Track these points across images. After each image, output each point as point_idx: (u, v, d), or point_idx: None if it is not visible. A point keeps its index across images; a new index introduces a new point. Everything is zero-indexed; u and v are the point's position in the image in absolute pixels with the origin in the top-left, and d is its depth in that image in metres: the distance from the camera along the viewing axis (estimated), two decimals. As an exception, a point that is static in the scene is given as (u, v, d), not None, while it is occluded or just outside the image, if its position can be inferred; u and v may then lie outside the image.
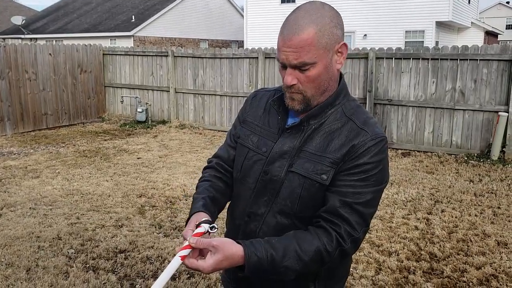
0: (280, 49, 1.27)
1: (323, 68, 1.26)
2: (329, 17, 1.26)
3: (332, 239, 1.24)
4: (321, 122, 1.33)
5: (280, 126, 1.39)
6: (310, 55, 1.23)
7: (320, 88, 1.30)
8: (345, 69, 8.45)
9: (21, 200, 5.38)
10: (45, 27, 25.55)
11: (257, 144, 1.42)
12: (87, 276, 3.56)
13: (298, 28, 1.22)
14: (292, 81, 1.27)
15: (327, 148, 1.31)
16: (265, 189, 1.37)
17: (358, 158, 1.27)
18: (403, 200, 5.43)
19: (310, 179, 1.30)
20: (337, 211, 1.26)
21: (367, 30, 19.22)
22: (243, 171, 1.44)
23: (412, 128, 8.02)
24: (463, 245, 4.20)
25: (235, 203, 1.51)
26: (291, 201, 1.33)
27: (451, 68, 7.57)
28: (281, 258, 1.21)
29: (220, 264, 1.18)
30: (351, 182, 1.27)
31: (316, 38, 1.22)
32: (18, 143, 8.72)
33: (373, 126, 1.32)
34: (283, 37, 1.25)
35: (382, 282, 3.54)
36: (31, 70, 9.94)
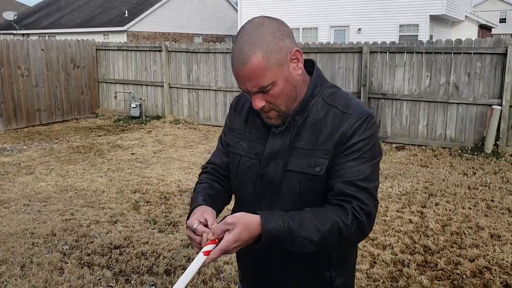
0: (237, 79, 1.28)
1: (284, 82, 1.28)
2: (271, 34, 1.24)
3: (348, 212, 1.25)
4: (305, 116, 1.35)
5: (267, 128, 1.40)
6: (265, 78, 1.24)
7: (289, 99, 1.32)
8: (339, 64, 8.45)
9: (15, 196, 5.35)
10: (37, 22, 25.34)
11: (248, 150, 1.43)
12: (82, 272, 3.56)
13: (245, 58, 1.22)
14: (260, 104, 1.30)
15: (317, 141, 1.32)
16: (264, 192, 1.39)
17: (348, 140, 1.29)
18: (398, 193, 5.46)
19: (306, 173, 1.32)
20: (343, 192, 1.28)
21: (361, 24, 19.20)
22: (239, 178, 1.46)
23: (407, 122, 8.04)
24: (457, 238, 4.23)
25: (237, 210, 1.49)
26: (293, 199, 1.35)
27: (445, 61, 7.59)
28: (298, 227, 1.22)
29: (240, 236, 1.19)
30: (347, 164, 1.29)
31: (265, 61, 1.22)
32: (11, 139, 8.67)
33: (355, 106, 1.33)
34: (235, 70, 1.26)
35: (376, 275, 3.56)
36: (24, 66, 9.87)
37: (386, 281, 3.48)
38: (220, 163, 1.56)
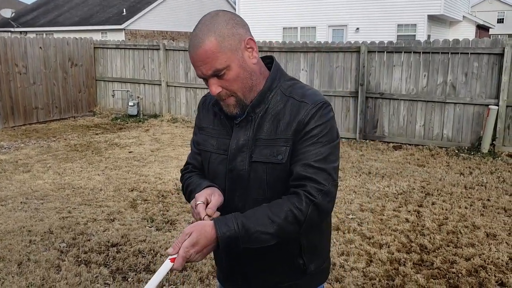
0: (193, 65, 1.33)
1: (239, 68, 1.32)
2: (224, 21, 1.31)
3: (301, 197, 1.30)
4: (265, 108, 1.40)
5: (231, 123, 1.44)
6: (219, 61, 1.29)
7: (245, 86, 1.36)
8: (337, 63, 8.47)
9: (12, 194, 5.35)
10: (35, 20, 25.28)
11: (217, 146, 1.47)
12: (79, 269, 3.56)
13: (199, 42, 1.29)
14: (217, 90, 1.34)
15: (277, 130, 1.37)
16: (235, 186, 1.43)
17: (305, 127, 1.34)
18: (394, 192, 5.48)
19: (270, 163, 1.37)
20: (301, 175, 1.32)
21: (359, 23, 19.21)
22: (211, 174, 1.49)
23: (404, 121, 8.06)
24: (453, 237, 4.25)
25: None
26: (262, 189, 1.40)
27: (442, 61, 7.61)
28: (253, 223, 1.27)
29: (197, 241, 1.23)
30: (306, 148, 1.34)
31: (218, 44, 1.28)
32: (8, 137, 8.65)
33: (311, 95, 1.39)
34: (191, 54, 1.32)
35: (373, 273, 3.57)
36: (21, 64, 9.85)
37: (382, 279, 3.50)
38: (196, 164, 1.59)
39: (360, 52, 8.16)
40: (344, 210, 4.90)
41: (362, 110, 8.29)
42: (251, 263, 1.48)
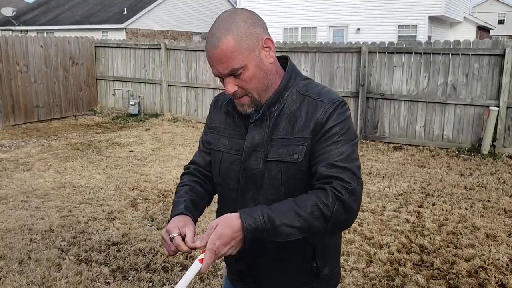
0: (210, 64, 1.33)
1: (255, 67, 1.32)
2: (242, 20, 1.30)
3: (328, 193, 1.27)
4: (281, 107, 1.39)
5: (245, 123, 1.43)
6: (236, 60, 1.29)
7: (261, 86, 1.35)
8: (338, 63, 8.47)
9: (13, 192, 5.36)
10: (36, 18, 25.28)
11: (229, 146, 1.46)
12: (79, 268, 3.57)
13: (217, 41, 1.28)
14: (232, 89, 1.34)
15: (294, 130, 1.36)
16: (248, 185, 1.41)
17: (324, 126, 1.33)
18: (395, 193, 5.48)
19: (286, 162, 1.36)
20: (325, 174, 1.30)
21: (360, 24, 19.21)
22: (222, 174, 1.48)
23: (404, 122, 8.07)
24: (453, 237, 4.25)
25: (222, 207, 1.54)
26: (275, 189, 1.38)
27: (443, 62, 7.61)
28: (278, 216, 1.24)
29: (222, 233, 1.21)
30: (327, 148, 1.32)
31: (236, 44, 1.28)
32: (9, 135, 8.66)
33: (327, 94, 1.38)
34: (208, 53, 1.31)
35: (373, 274, 3.58)
36: (22, 62, 9.85)
37: (382, 280, 3.51)
38: (202, 163, 1.58)
39: (361, 53, 8.16)
40: (344, 211, 4.89)
41: (362, 111, 8.29)
42: (263, 263, 1.46)
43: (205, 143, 1.58)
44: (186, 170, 1.62)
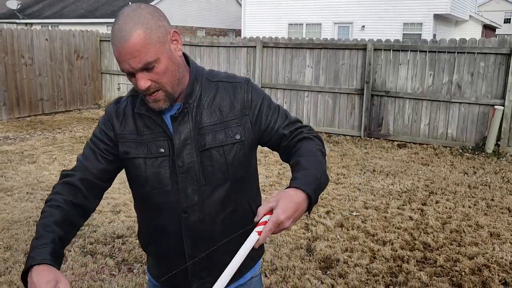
0: (119, 60, 1.27)
1: (168, 60, 1.30)
2: (149, 13, 1.28)
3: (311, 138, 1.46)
4: (198, 97, 1.41)
5: (162, 123, 1.39)
6: (149, 54, 1.25)
7: (174, 79, 1.34)
8: (343, 60, 8.46)
9: (18, 184, 5.39)
10: (40, 11, 25.29)
11: (150, 151, 1.40)
12: (85, 260, 3.59)
13: (127, 35, 1.24)
14: (146, 84, 1.29)
15: (222, 114, 1.41)
16: (187, 180, 1.39)
17: (252, 102, 1.45)
18: (398, 191, 5.49)
19: (227, 144, 1.40)
20: (292, 130, 1.47)
21: (365, 21, 19.16)
22: (151, 181, 1.41)
23: (409, 120, 8.06)
24: (457, 235, 4.26)
25: (155, 214, 1.45)
26: (222, 172, 1.41)
27: (448, 60, 7.60)
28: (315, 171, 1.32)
29: (287, 207, 1.19)
30: (272, 118, 1.47)
31: (147, 36, 1.25)
32: (13, 128, 8.69)
33: (234, 76, 1.49)
34: (117, 48, 1.25)
35: (376, 270, 3.59)
36: (27, 55, 9.87)
37: (385, 276, 3.52)
38: (94, 170, 1.42)
39: (367, 50, 8.15)
40: (348, 207, 4.92)
41: (367, 108, 8.29)
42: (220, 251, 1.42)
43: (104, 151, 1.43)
44: (66, 179, 1.40)
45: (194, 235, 1.41)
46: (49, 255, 1.20)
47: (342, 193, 5.36)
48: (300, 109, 8.99)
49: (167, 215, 1.42)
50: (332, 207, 4.90)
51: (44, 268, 1.16)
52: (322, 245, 3.99)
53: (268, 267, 3.61)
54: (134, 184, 1.47)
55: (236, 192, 1.45)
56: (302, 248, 3.95)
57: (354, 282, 3.41)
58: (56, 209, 1.32)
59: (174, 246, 1.43)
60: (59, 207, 1.32)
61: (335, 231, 4.30)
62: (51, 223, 1.27)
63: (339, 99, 8.60)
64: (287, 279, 3.44)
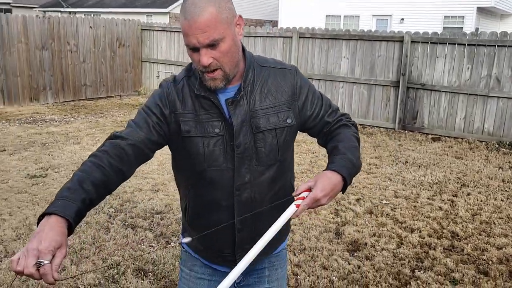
0: (187, 33, 1.32)
1: (231, 41, 1.36)
2: None
3: (349, 126, 1.61)
4: (252, 82, 1.49)
5: (218, 104, 1.46)
6: (218, 31, 1.31)
7: (234, 60, 1.40)
8: (379, 52, 8.46)
9: (64, 163, 5.74)
10: (83, 1, 26.07)
11: (206, 130, 1.46)
12: (126, 232, 3.86)
13: (200, 10, 1.29)
14: (208, 61, 1.34)
15: (274, 98, 1.51)
16: (242, 160, 1.47)
17: (302, 88, 1.56)
18: (430, 182, 5.52)
19: (280, 128, 1.50)
20: (335, 119, 1.61)
21: (405, 14, 18.83)
22: (208, 159, 1.47)
23: (444, 113, 8.00)
24: (486, 226, 4.29)
25: (209, 190, 1.52)
26: (273, 154, 1.51)
27: (488, 54, 7.48)
28: (351, 155, 1.48)
29: (324, 187, 1.36)
30: (318, 104, 1.59)
31: (218, 15, 1.31)
32: (59, 111, 9.15)
33: (283, 62, 1.59)
34: (188, 22, 1.30)
35: (402, 254, 3.69)
36: (73, 42, 10.32)
37: (411, 260, 3.62)
38: (146, 137, 1.44)
39: (403, 42, 8.11)
40: (378, 196, 5.00)
41: (402, 100, 8.27)
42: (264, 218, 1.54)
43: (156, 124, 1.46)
44: (118, 141, 1.40)
45: (244, 210, 1.50)
46: (74, 213, 1.18)
47: (373, 182, 5.45)
48: (334, 100, 9.05)
49: (221, 191, 1.50)
50: (362, 195, 5.00)
51: (61, 224, 1.14)
52: (350, 230, 4.11)
53: (297, 247, 3.77)
54: (189, 161, 1.50)
55: (282, 172, 1.56)
56: (331, 231, 4.09)
57: (380, 265, 3.53)
58: (99, 169, 1.31)
59: (225, 220, 1.51)
60: (102, 168, 1.32)
61: (364, 217, 4.42)
62: (89, 181, 1.27)
63: (374, 90, 8.61)
64: (315, 258, 3.59)
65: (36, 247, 1.07)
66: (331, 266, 3.47)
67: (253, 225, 1.54)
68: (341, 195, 4.94)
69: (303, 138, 7.39)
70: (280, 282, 1.71)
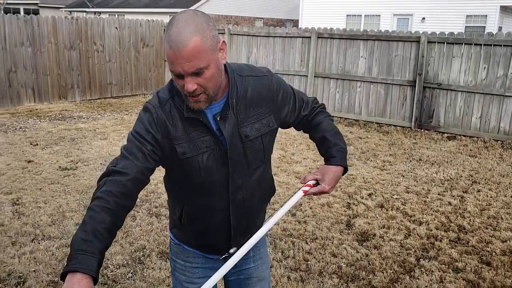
0: (172, 62, 1.37)
1: (215, 67, 1.43)
2: (205, 22, 1.40)
3: (324, 113, 1.87)
4: (236, 94, 1.57)
5: (207, 122, 1.54)
6: (202, 60, 1.37)
7: (217, 84, 1.48)
8: (396, 52, 8.61)
9: (92, 157, 6.10)
10: (108, 1, 26.72)
11: (199, 147, 1.55)
12: (151, 220, 4.17)
13: (185, 40, 1.34)
14: (193, 87, 1.40)
15: (256, 106, 1.61)
16: (235, 168, 1.61)
17: (278, 91, 1.69)
18: (441, 179, 5.69)
19: (264, 133, 1.64)
20: (310, 110, 1.81)
21: (426, 13, 18.80)
22: (203, 172, 1.57)
23: (460, 112, 8.11)
24: (493, 221, 4.46)
25: (204, 198, 1.63)
26: (260, 158, 1.67)
27: (504, 54, 7.57)
28: (340, 143, 1.80)
29: (331, 180, 1.70)
30: (294, 101, 1.76)
31: (203, 44, 1.37)
32: (86, 109, 9.57)
33: (259, 68, 1.70)
34: (173, 51, 1.35)
35: (409, 245, 3.90)
36: (99, 42, 10.75)
37: (417, 250, 3.83)
38: (144, 168, 1.47)
39: (420, 42, 8.25)
40: (390, 191, 5.20)
41: (419, 99, 8.41)
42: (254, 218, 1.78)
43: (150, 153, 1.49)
44: (118, 177, 1.43)
45: (238, 210, 1.66)
46: (96, 267, 1.25)
47: (385, 178, 5.65)
48: (352, 99, 9.24)
49: (217, 197, 1.63)
50: (374, 190, 5.21)
51: (87, 279, 1.22)
52: (361, 222, 4.34)
53: (309, 236, 4.02)
54: (185, 177, 1.60)
55: (266, 169, 1.74)
56: (342, 223, 4.32)
57: (387, 253, 3.75)
58: (107, 213, 1.35)
59: (221, 220, 1.66)
60: (110, 210, 1.36)
61: (374, 211, 4.63)
62: (102, 229, 1.31)
63: (391, 90, 8.77)
64: (326, 246, 3.83)
65: None
66: (340, 254, 3.71)
67: (246, 221, 1.72)
68: (353, 190, 5.16)
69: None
70: (263, 260, 1.90)
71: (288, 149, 6.82)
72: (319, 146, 1.83)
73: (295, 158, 6.36)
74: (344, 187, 5.23)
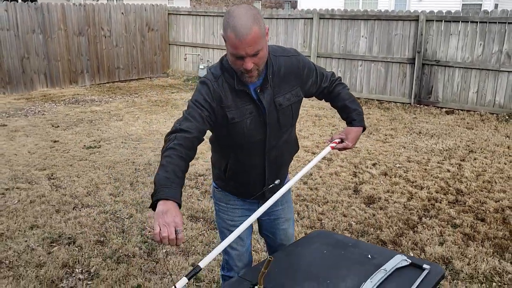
0: (237, 47, 1.72)
1: (265, 49, 1.80)
2: (258, 13, 1.76)
3: (342, 84, 2.25)
4: (272, 71, 1.95)
5: (250, 92, 1.91)
6: (259, 44, 1.74)
7: (265, 62, 1.86)
8: (396, 31, 8.94)
9: (113, 136, 6.49)
10: (107, -14, 26.74)
11: (243, 114, 1.92)
12: (177, 189, 4.58)
13: (248, 29, 1.69)
14: (251, 65, 1.77)
15: (288, 81, 1.99)
16: (272, 130, 1.99)
17: (304, 69, 2.05)
18: (440, 149, 6.10)
19: (294, 102, 2.04)
20: (330, 83, 2.20)
21: (423, -9, 18.98)
22: (247, 136, 1.95)
23: (458, 88, 8.48)
24: (488, 184, 4.88)
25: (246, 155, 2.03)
26: (289, 121, 2.06)
27: (499, 31, 7.91)
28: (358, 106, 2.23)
29: (354, 138, 2.14)
30: (317, 76, 2.13)
31: (260, 32, 1.73)
32: (96, 92, 9.92)
33: (288, 49, 2.06)
34: (239, 39, 1.70)
35: (412, 206, 4.33)
36: (106, 28, 11.03)
37: (419, 211, 4.25)
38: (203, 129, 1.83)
39: (419, 21, 8.58)
40: (392, 161, 5.61)
41: (418, 76, 8.77)
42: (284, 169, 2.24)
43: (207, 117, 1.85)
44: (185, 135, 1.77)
45: (272, 165, 2.08)
46: (179, 197, 1.61)
47: (388, 150, 6.05)
48: (353, 78, 9.60)
49: (256, 155, 2.02)
50: (378, 160, 5.62)
51: (176, 206, 1.57)
52: (367, 187, 4.76)
53: (321, 200, 4.44)
54: (232, 138, 1.96)
55: (293, 132, 2.16)
56: (350, 189, 4.74)
57: (392, 213, 4.17)
58: (181, 160, 1.71)
59: (259, 174, 2.08)
60: (183, 158, 1.73)
61: (379, 178, 5.05)
62: (179, 170, 1.68)
63: (391, 68, 9.12)
64: (336, 208, 4.26)
65: (172, 220, 1.50)
66: (350, 214, 4.14)
67: (276, 173, 2.13)
68: (358, 160, 5.57)
69: (324, 113, 8.00)
70: (289, 203, 2.36)
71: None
72: (341, 112, 2.26)
73: (302, 134, 6.75)
74: (349, 158, 5.64)
